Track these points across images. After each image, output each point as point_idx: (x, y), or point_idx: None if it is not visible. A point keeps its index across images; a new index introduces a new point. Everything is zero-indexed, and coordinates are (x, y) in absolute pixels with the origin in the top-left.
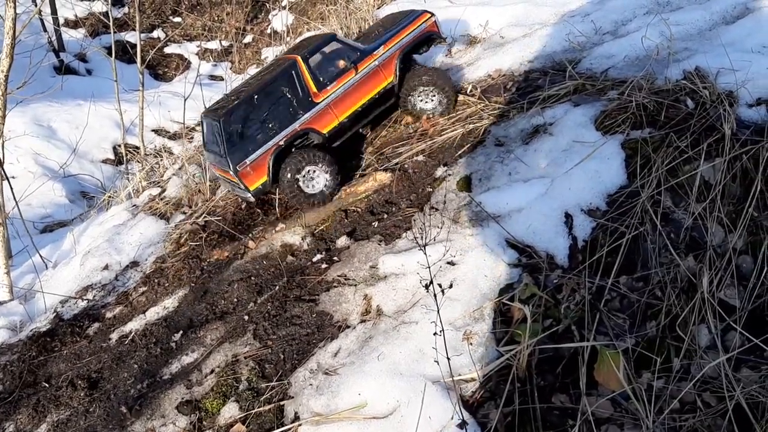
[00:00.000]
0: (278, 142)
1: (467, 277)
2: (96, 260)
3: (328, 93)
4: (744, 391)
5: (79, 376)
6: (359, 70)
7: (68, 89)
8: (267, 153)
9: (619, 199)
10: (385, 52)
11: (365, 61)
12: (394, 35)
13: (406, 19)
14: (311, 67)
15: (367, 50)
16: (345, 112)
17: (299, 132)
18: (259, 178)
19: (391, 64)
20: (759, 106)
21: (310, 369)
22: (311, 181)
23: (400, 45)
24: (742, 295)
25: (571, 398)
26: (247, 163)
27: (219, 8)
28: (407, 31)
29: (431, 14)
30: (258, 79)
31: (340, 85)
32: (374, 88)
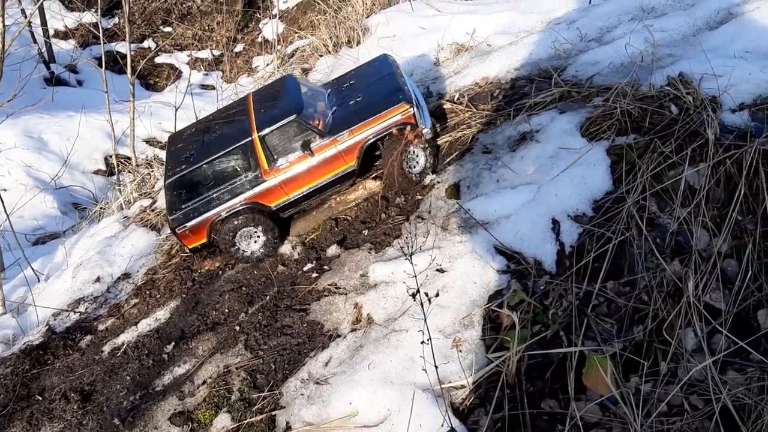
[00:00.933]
0: (220, 212)
1: (456, 285)
2: (88, 273)
3: (279, 172)
4: (730, 394)
5: (72, 389)
6: (316, 155)
7: (59, 101)
8: (208, 221)
9: (605, 205)
10: (350, 139)
11: (325, 146)
12: (364, 120)
13: (384, 101)
14: (266, 145)
15: (332, 132)
16: (296, 190)
17: (244, 205)
18: (197, 240)
19: (354, 152)
20: (742, 111)
21: (301, 379)
22: (249, 239)
23: (366, 135)
24: (727, 298)
25: (560, 403)
26: (186, 227)
27: (209, 18)
28: (380, 120)
29: (410, 106)
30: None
31: (293, 167)
32: (331, 171)
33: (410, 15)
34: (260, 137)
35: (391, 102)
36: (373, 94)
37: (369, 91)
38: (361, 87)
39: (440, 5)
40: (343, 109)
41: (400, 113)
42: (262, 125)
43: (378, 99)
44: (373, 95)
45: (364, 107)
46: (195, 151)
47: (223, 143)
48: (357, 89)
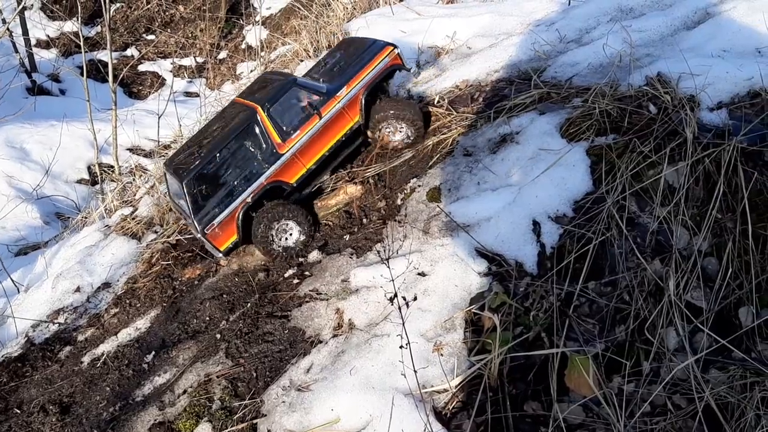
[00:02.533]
0: (245, 199)
1: (438, 288)
2: (68, 282)
3: (293, 142)
4: (713, 392)
5: (50, 401)
6: (323, 115)
7: (41, 110)
8: (235, 212)
9: (585, 205)
10: (348, 93)
11: (328, 104)
12: (356, 73)
13: (367, 52)
14: (273, 117)
15: (330, 92)
16: (312, 158)
17: (266, 186)
18: (228, 237)
19: (355, 104)
20: (719, 110)
21: (282, 386)
22: (284, 234)
23: (363, 83)
24: (708, 296)
25: (543, 405)
26: (215, 225)
27: (192, 25)
28: (370, 68)
29: (394, 46)
30: (219, 130)
31: (305, 133)
32: (340, 130)
33: (390, 19)
34: (266, 111)
35: (375, 48)
36: (353, 55)
37: (348, 56)
38: (337, 59)
39: (420, 9)
40: (331, 77)
41: (387, 55)
42: (264, 101)
43: (360, 54)
44: (353, 57)
45: (350, 65)
46: (202, 150)
47: (231, 130)
48: (335, 62)
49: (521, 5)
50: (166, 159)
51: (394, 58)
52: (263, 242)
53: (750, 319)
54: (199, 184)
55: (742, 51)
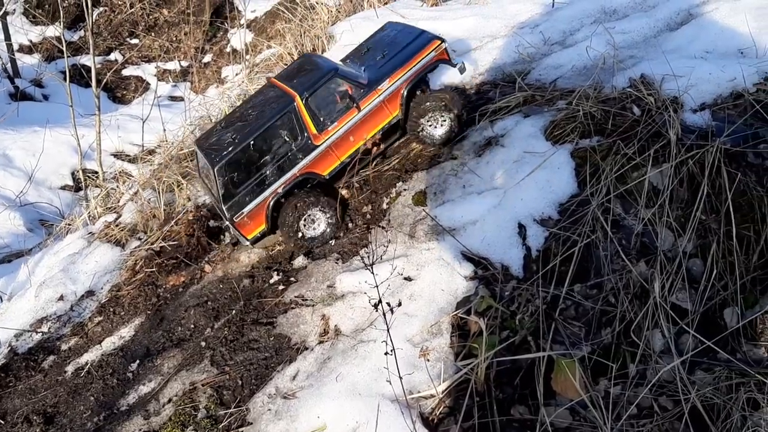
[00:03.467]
0: (276, 189)
1: (424, 293)
2: (51, 291)
3: (329, 134)
4: (699, 394)
5: (34, 412)
6: (362, 108)
7: (24, 116)
8: (265, 201)
9: (570, 208)
10: (390, 86)
11: (368, 97)
12: (399, 65)
13: (413, 43)
14: (311, 107)
15: (371, 84)
16: (347, 151)
17: (299, 177)
18: (257, 227)
19: (396, 99)
20: (703, 111)
21: (268, 394)
22: (312, 224)
23: (406, 77)
24: (693, 298)
25: (530, 409)
26: (244, 213)
27: (177, 28)
28: (415, 62)
29: (441, 40)
30: (254, 115)
31: (342, 125)
32: (378, 124)
33: (375, 22)
34: (303, 100)
35: (421, 42)
36: (397, 44)
37: (392, 45)
38: (381, 47)
39: (405, 12)
40: (373, 67)
41: (433, 50)
42: (303, 90)
43: (405, 45)
44: (398, 45)
45: (394, 56)
46: (236, 135)
47: (267, 117)
48: (378, 50)
49: (505, 8)
50: (198, 137)
51: (441, 52)
52: (289, 232)
53: (735, 320)
54: (231, 171)
55: (725, 52)
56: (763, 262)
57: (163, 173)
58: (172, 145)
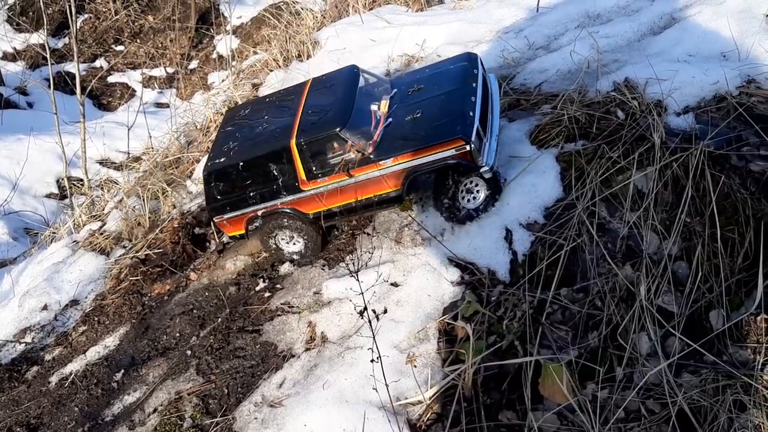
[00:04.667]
0: (257, 211)
1: (411, 298)
2: (35, 300)
3: (317, 185)
4: (686, 396)
5: (18, 423)
6: (353, 176)
7: (8, 124)
8: (244, 216)
9: (556, 212)
10: (393, 166)
11: (366, 167)
12: (411, 150)
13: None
14: (304, 154)
15: (375, 155)
16: (335, 203)
17: (280, 209)
18: (234, 230)
19: (398, 178)
20: (686, 114)
21: (254, 402)
22: (291, 241)
23: (412, 165)
24: (679, 300)
25: (517, 414)
26: (224, 218)
27: (162, 35)
28: (428, 153)
29: (466, 142)
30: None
31: (332, 183)
32: (373, 192)
33: (360, 27)
34: (298, 145)
35: (445, 132)
36: (433, 112)
37: (432, 106)
38: (426, 96)
39: (390, 17)
40: (397, 124)
41: (454, 149)
42: (302, 132)
43: (435, 123)
44: (432, 114)
45: (417, 129)
46: (237, 143)
47: (264, 142)
48: (422, 98)
49: (490, 12)
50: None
51: (463, 154)
52: (267, 245)
53: (720, 323)
54: (217, 180)
55: (708, 55)
56: (747, 264)
57: (149, 181)
58: (157, 152)
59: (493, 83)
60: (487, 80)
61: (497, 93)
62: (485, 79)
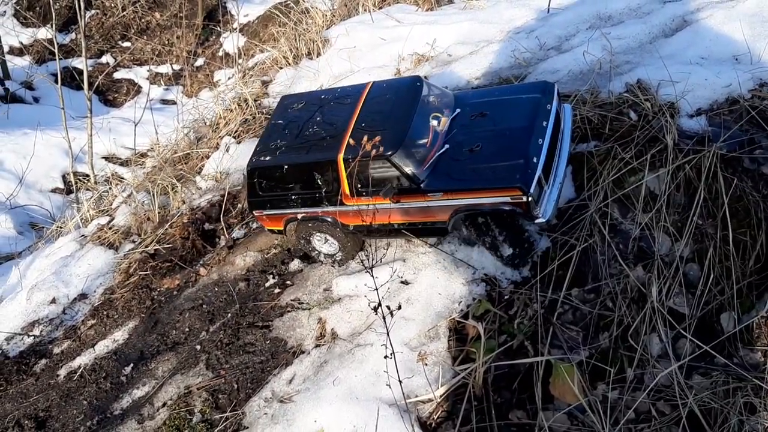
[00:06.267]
0: (297, 214)
1: (422, 297)
2: (43, 294)
3: (359, 203)
4: (696, 398)
5: (26, 416)
6: (398, 202)
7: (14, 118)
8: (284, 216)
9: (568, 212)
10: (442, 201)
11: (412, 197)
12: (462, 189)
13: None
14: (350, 171)
15: (425, 187)
16: (376, 222)
17: (321, 216)
18: (273, 225)
19: (446, 213)
20: (699, 117)
21: (264, 398)
22: (325, 243)
23: (462, 204)
24: (690, 302)
25: (528, 414)
26: (263, 213)
27: (169, 32)
28: (481, 195)
29: (524, 193)
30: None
31: (374, 203)
32: (418, 219)
33: (370, 26)
34: (345, 161)
35: (504, 178)
36: (495, 149)
37: (494, 141)
38: (491, 127)
39: (400, 16)
40: (454, 153)
41: (510, 197)
42: (352, 147)
43: (494, 160)
44: (494, 152)
45: (474, 164)
46: (285, 143)
47: (312, 148)
48: (486, 128)
49: (501, 13)
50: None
51: (519, 204)
52: (298, 241)
53: (732, 325)
54: (260, 177)
55: (720, 58)
56: (759, 267)
57: (158, 176)
58: (165, 148)
59: (567, 116)
60: (560, 115)
61: (569, 128)
62: (558, 115)
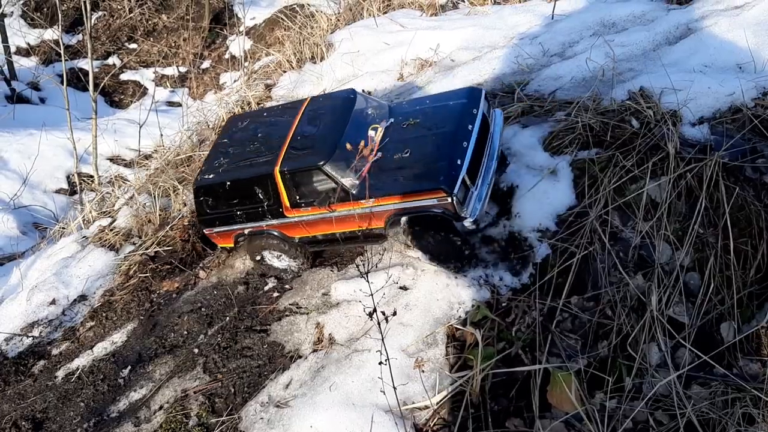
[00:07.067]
0: (243, 230)
1: (420, 302)
2: (43, 295)
3: (300, 214)
4: (695, 408)
5: (23, 417)
6: (334, 211)
7: (20, 118)
8: (232, 232)
9: (568, 219)
10: (374, 207)
11: (347, 204)
12: (392, 193)
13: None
14: (287, 184)
15: (357, 194)
16: (318, 232)
17: (266, 230)
18: (225, 242)
19: (380, 218)
20: (701, 125)
21: (261, 402)
22: (277, 259)
23: (392, 209)
24: (690, 311)
25: (525, 422)
26: (213, 230)
27: (176, 34)
28: (408, 199)
29: (448, 194)
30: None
31: (314, 214)
32: (357, 226)
33: (374, 30)
34: (281, 173)
35: (428, 181)
36: (422, 154)
37: (422, 147)
38: (419, 134)
39: (404, 21)
40: (385, 160)
41: (436, 199)
42: (287, 160)
43: (421, 166)
44: (420, 157)
45: (402, 171)
46: (228, 160)
47: (251, 164)
48: (415, 134)
49: (505, 19)
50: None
51: (445, 205)
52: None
53: (732, 335)
54: (206, 195)
55: (724, 66)
56: (760, 277)
57: (159, 178)
58: (168, 150)
59: (497, 121)
60: (488, 119)
61: (499, 131)
62: (485, 119)
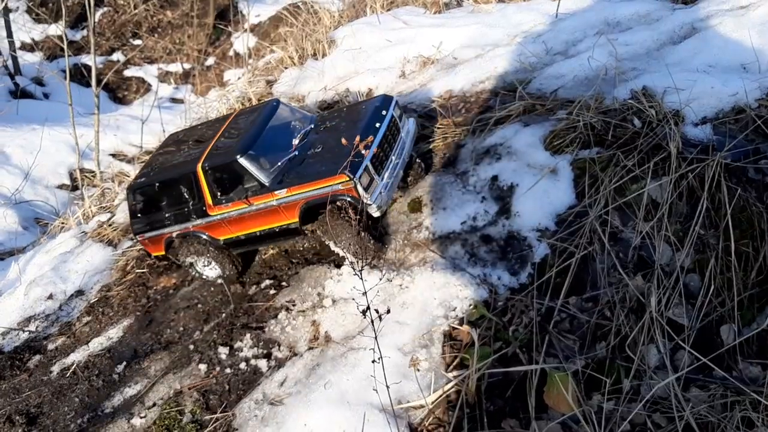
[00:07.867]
0: (172, 233)
1: (417, 301)
2: (40, 289)
3: (222, 211)
4: (693, 411)
5: (17, 412)
6: (252, 204)
7: (24, 113)
8: (162, 237)
9: (568, 219)
10: (287, 197)
11: (263, 197)
12: (303, 182)
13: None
14: (209, 181)
15: (271, 185)
16: (241, 230)
17: (192, 232)
18: (156, 250)
19: (293, 209)
20: (704, 125)
21: (255, 399)
22: (208, 266)
23: (304, 196)
24: (690, 313)
25: (521, 423)
26: (145, 236)
27: (180, 31)
28: (317, 186)
29: (350, 178)
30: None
31: (235, 209)
32: (272, 222)
33: (377, 27)
34: (203, 170)
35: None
36: (332, 147)
37: (334, 141)
38: (333, 132)
39: (408, 18)
40: (300, 158)
41: (340, 183)
42: (209, 158)
43: (329, 157)
44: (330, 148)
45: (314, 163)
46: (160, 164)
47: (179, 165)
48: (330, 134)
49: (508, 17)
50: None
51: (348, 189)
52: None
53: (732, 337)
54: (137, 197)
55: (728, 66)
56: (761, 279)
57: None
58: None
59: (410, 127)
60: (398, 123)
61: (411, 136)
62: (396, 122)
